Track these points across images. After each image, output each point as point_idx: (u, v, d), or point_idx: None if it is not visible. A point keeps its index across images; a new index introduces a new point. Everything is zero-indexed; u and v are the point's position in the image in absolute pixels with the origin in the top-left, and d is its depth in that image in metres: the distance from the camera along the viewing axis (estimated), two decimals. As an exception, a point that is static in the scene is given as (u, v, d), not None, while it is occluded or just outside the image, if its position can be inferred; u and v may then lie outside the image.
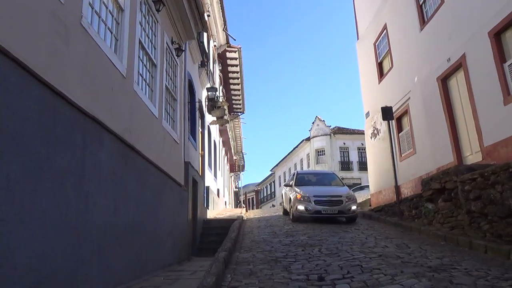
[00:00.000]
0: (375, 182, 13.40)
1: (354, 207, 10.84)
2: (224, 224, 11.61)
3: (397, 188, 10.25)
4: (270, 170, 55.34)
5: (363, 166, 37.48)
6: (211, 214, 13.87)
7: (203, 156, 13.45)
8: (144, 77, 6.72)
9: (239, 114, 26.39)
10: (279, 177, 53.02)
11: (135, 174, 5.58)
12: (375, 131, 13.43)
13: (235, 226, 9.63)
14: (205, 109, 14.01)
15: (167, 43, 8.29)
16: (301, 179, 12.67)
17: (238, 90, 23.18)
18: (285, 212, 13.35)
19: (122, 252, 4.92)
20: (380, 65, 13.25)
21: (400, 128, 12.02)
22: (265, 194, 61.48)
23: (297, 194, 11.15)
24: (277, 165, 52.39)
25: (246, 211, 21.49)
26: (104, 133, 4.55)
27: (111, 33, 5.19)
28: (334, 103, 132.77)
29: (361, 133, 41.80)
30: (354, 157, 39.44)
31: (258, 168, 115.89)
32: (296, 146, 43.63)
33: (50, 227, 3.30)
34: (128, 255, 5.16)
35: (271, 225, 10.77)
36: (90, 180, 4.10)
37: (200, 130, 13.25)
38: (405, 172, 11.09)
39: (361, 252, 5.98)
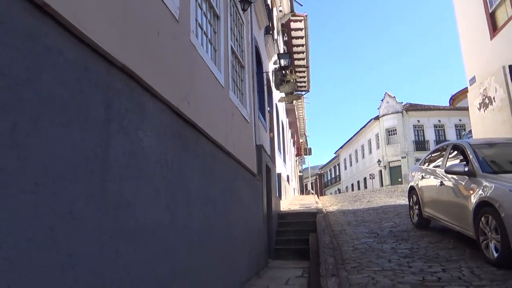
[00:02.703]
0: (488, 164, 10.73)
1: None
2: (302, 218, 9.74)
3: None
4: (335, 153, 52.66)
5: (441, 145, 33.77)
6: (283, 205, 12.06)
7: (272, 139, 11.61)
8: (205, 29, 4.90)
9: (304, 93, 24.16)
10: (344, 160, 50.22)
11: (199, 163, 3.80)
12: (486, 100, 10.71)
13: (321, 224, 7.71)
14: (272, 84, 12.09)
15: (230, -8, 6.42)
16: (481, 156, 5.44)
17: (303, 66, 20.91)
18: (422, 224, 7.02)
19: (183, 286, 3.17)
20: (492, 16, 10.43)
21: (526, 94, 9.27)
22: (328, 178, 58.96)
23: None
24: (342, 147, 49.55)
25: (318, 197, 19.52)
26: (148, 98, 2.77)
27: None
28: (404, 79, 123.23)
29: (437, 109, 37.87)
30: (430, 135, 35.71)
31: (319, 151, 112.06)
32: (364, 126, 40.53)
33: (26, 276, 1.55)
34: (192, 286, 3.41)
35: (363, 220, 8.69)
36: (122, 177, 2.32)
37: (268, 108, 11.37)
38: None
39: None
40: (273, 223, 8.85)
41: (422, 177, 7.06)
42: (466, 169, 5.28)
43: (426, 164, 7.32)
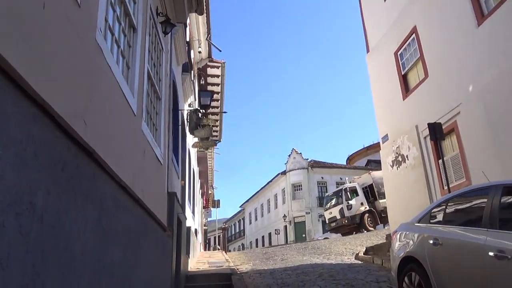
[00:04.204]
0: (400, 221, 10.66)
1: None
2: (214, 281, 8.45)
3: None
4: (240, 207, 51.98)
5: (341, 202, 35.09)
6: (191, 263, 10.59)
7: (183, 187, 10.34)
8: (117, 36, 3.79)
9: (215, 142, 23.34)
10: (249, 214, 49.65)
11: (94, 210, 2.53)
12: (399, 158, 10.90)
13: (241, 290, 6.53)
14: (186, 128, 11.04)
15: (151, 8, 5.44)
16: None
17: (217, 114, 20.28)
18: None
19: None
20: (404, 78, 10.92)
21: (438, 153, 9.51)
22: (232, 232, 57.58)
23: None
24: (247, 201, 49.11)
25: (225, 252, 18.22)
26: (7, 89, 1.56)
27: None
28: (309, 136, 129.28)
29: (339, 167, 39.91)
30: (332, 192, 37.02)
31: (224, 204, 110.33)
32: (271, 180, 40.78)
33: None
34: None
35: (285, 283, 7.70)
36: None
37: (181, 153, 10.20)
38: (452, 210, 8.46)
39: None
40: None
41: (435, 243, 4.22)
42: None
43: (436, 220, 4.71)
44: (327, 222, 25.02)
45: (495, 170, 7.58)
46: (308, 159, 37.49)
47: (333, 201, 24.59)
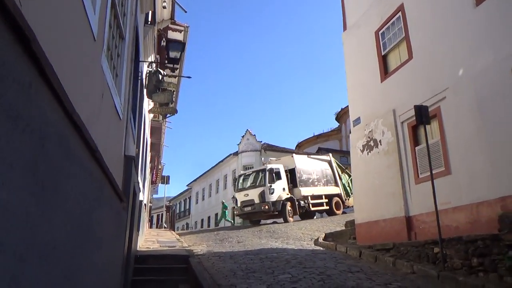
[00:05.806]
0: (368, 208, 10.22)
1: None
2: (168, 264, 7.44)
3: (438, 220, 7.06)
4: (187, 185, 50.57)
5: (291, 187, 34.93)
6: (139, 241, 9.46)
7: (137, 155, 9.10)
8: None
9: (167, 115, 21.75)
10: (197, 193, 48.44)
11: (28, 149, 1.45)
12: (371, 143, 10.35)
13: (204, 277, 5.58)
14: (144, 90, 9.73)
15: None
16: None
17: (174, 83, 18.79)
18: None
19: None
20: (384, 59, 10.31)
21: (416, 140, 9.04)
22: (177, 211, 56.16)
23: None
24: (195, 180, 47.82)
25: (174, 231, 17.17)
26: None
27: None
28: (263, 119, 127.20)
29: (292, 152, 39.68)
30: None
31: (170, 182, 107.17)
32: (222, 160, 39.72)
33: None
34: None
35: (249, 269, 6.86)
36: None
37: (137, 115, 8.92)
38: (426, 199, 8.04)
39: None
40: (130, 270, 6.32)
41: None
42: None
43: None
44: (238, 205, 19.95)
45: (481, 161, 7.17)
46: (261, 141, 36.84)
47: (251, 182, 20.00)
